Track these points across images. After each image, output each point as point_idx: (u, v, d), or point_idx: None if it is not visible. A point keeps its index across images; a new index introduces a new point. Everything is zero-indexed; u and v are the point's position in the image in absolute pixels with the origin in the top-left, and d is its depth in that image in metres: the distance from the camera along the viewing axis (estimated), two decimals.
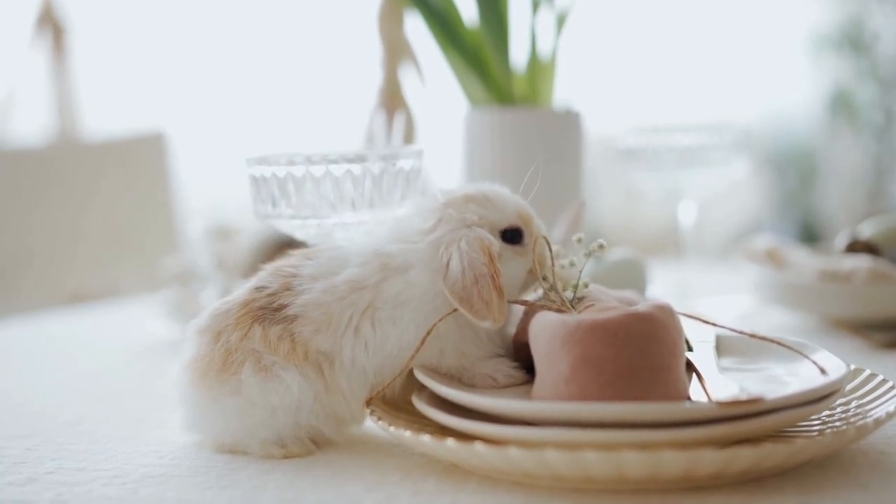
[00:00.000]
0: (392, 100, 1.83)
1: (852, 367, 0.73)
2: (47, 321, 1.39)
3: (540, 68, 1.15)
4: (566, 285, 0.73)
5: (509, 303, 0.71)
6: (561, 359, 0.62)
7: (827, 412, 0.69)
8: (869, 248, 1.11)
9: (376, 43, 1.88)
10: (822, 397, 0.63)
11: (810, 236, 3.58)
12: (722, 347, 0.77)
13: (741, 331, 0.73)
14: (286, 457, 0.69)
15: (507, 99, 1.14)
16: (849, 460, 0.64)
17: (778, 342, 0.72)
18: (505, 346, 0.73)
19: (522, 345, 0.70)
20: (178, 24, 3.29)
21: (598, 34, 3.18)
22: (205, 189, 2.97)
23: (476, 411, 0.65)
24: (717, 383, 0.64)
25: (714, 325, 0.72)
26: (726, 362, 0.74)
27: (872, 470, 0.62)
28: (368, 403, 0.70)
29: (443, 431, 0.65)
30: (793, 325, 1.11)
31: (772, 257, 1.16)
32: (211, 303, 0.76)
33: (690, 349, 0.73)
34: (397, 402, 0.72)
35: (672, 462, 0.57)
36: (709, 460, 0.57)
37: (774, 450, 0.58)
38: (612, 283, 0.91)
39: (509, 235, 0.73)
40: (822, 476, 0.62)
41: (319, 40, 3.23)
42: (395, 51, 1.84)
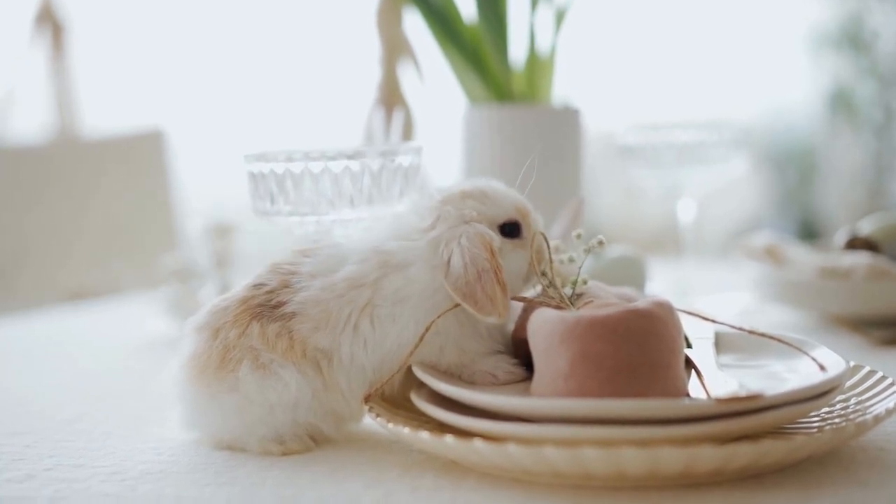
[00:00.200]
0: (391, 96, 1.82)
1: (851, 363, 0.73)
2: (46, 319, 1.39)
3: (539, 65, 1.15)
4: (565, 282, 0.73)
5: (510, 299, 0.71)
6: (560, 355, 0.62)
7: (826, 409, 0.69)
8: (868, 245, 1.11)
9: (375, 40, 1.88)
10: (821, 394, 0.63)
11: (810, 233, 3.58)
12: (721, 344, 0.76)
13: (740, 327, 0.73)
14: (284, 454, 0.69)
15: (505, 96, 1.14)
16: (848, 457, 0.64)
17: (777, 339, 0.72)
18: (505, 342, 0.73)
19: (521, 341, 0.70)
20: (178, 21, 3.29)
21: (597, 31, 3.18)
22: (204, 186, 2.97)
23: (475, 408, 0.64)
24: (716, 380, 0.64)
25: (713, 321, 0.72)
26: (725, 359, 0.74)
27: (872, 467, 0.62)
28: (367, 400, 0.70)
29: (441, 428, 0.65)
30: (792, 322, 1.11)
31: (771, 254, 1.15)
32: (210, 300, 0.76)
33: (689, 346, 0.73)
34: (396, 399, 0.72)
35: (671, 459, 0.57)
36: (708, 457, 0.57)
37: (774, 446, 0.58)
38: (611, 279, 0.91)
39: (508, 229, 0.73)
40: (821, 473, 0.62)
41: (318, 37, 3.23)
42: (394, 48, 1.84)
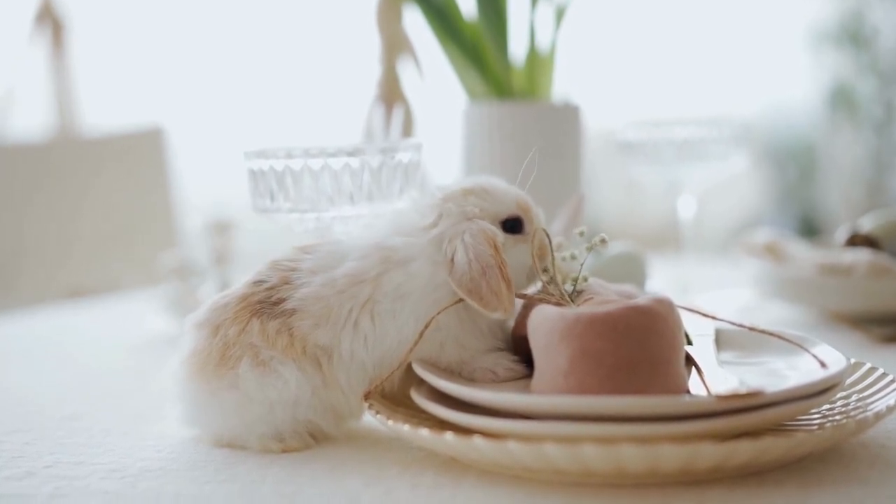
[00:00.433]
0: (391, 93, 1.82)
1: (852, 360, 0.72)
2: (46, 316, 1.39)
3: (539, 62, 1.15)
4: (565, 279, 0.73)
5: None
6: (560, 352, 0.62)
7: (827, 406, 0.68)
8: (869, 242, 1.11)
9: (375, 36, 1.87)
10: (822, 391, 0.63)
11: (810, 230, 3.58)
12: (721, 341, 0.76)
13: (741, 324, 0.73)
14: (284, 451, 0.69)
15: (505, 92, 1.14)
16: (849, 454, 0.64)
17: (778, 336, 0.72)
18: (505, 339, 0.73)
19: (521, 338, 0.70)
20: (177, 19, 3.29)
21: (597, 27, 3.17)
22: (204, 184, 2.96)
23: (475, 405, 0.64)
24: (716, 377, 0.64)
25: (714, 318, 0.72)
26: (726, 356, 0.74)
27: (873, 464, 0.62)
28: (367, 397, 0.70)
29: (441, 425, 0.65)
30: (792, 319, 1.11)
31: (771, 251, 1.15)
32: (209, 297, 0.76)
33: (690, 343, 0.73)
34: (396, 396, 0.72)
35: (671, 456, 0.57)
36: (708, 454, 0.57)
37: (774, 443, 0.58)
38: (611, 276, 0.91)
39: (510, 225, 0.72)
40: (822, 470, 0.61)
41: (318, 34, 3.23)
42: (394, 44, 1.84)
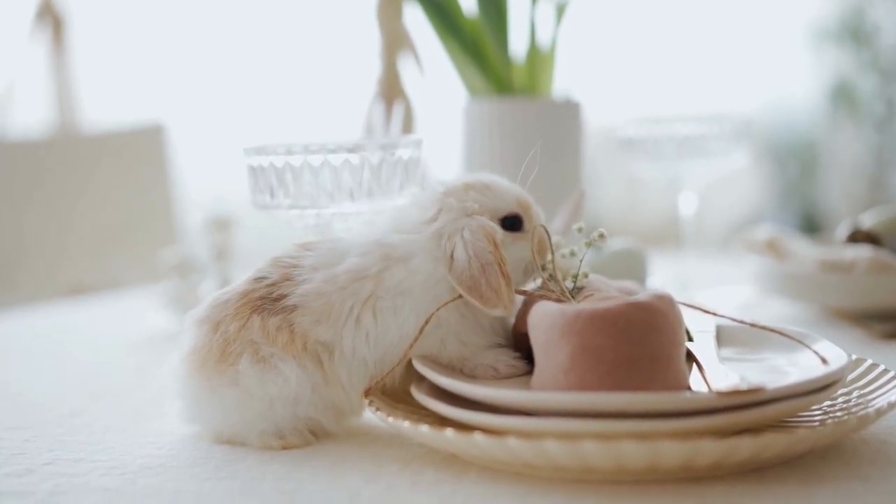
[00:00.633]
0: (391, 90, 1.82)
1: (853, 357, 0.72)
2: (45, 313, 1.39)
3: (539, 58, 1.15)
4: (566, 275, 0.73)
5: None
6: (560, 349, 0.62)
7: (828, 402, 0.68)
8: (870, 239, 1.11)
9: (375, 33, 1.87)
10: (823, 387, 0.63)
11: (811, 227, 3.58)
12: (722, 337, 0.76)
13: (742, 321, 0.73)
14: (285, 448, 0.69)
15: (506, 89, 1.14)
16: (850, 450, 0.64)
17: (779, 332, 0.72)
18: (506, 336, 0.73)
19: (522, 335, 0.70)
20: (177, 15, 3.29)
21: (598, 24, 3.17)
22: (204, 180, 2.96)
23: (475, 401, 0.64)
24: (717, 373, 0.64)
25: (714, 314, 0.72)
26: (727, 352, 0.74)
27: (874, 460, 0.62)
28: (367, 394, 0.70)
29: (442, 422, 0.65)
30: (794, 316, 1.11)
31: (772, 248, 1.15)
32: (210, 294, 0.76)
33: (691, 339, 0.73)
34: (396, 393, 0.72)
35: (672, 452, 0.56)
36: (709, 450, 0.57)
37: (775, 440, 0.58)
38: (611, 273, 0.91)
39: (509, 222, 0.72)
40: (823, 466, 0.61)
41: (318, 31, 3.22)
42: (394, 41, 1.83)
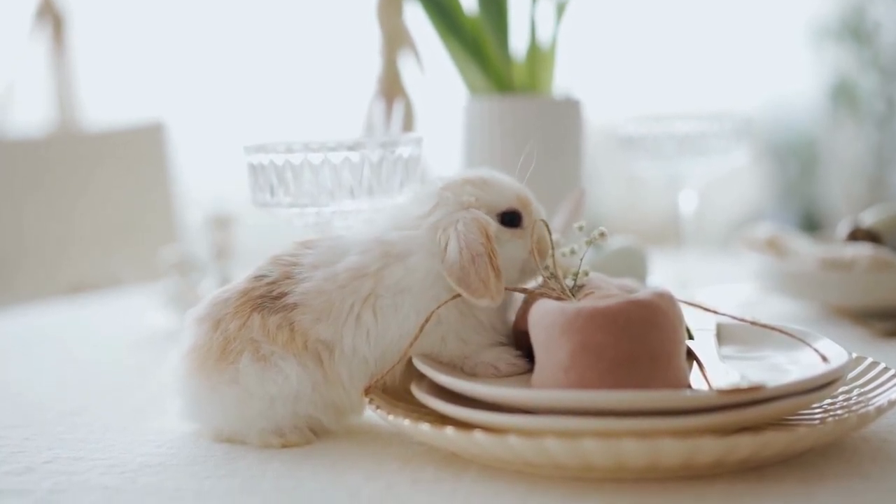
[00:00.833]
0: (391, 88, 1.82)
1: (854, 355, 0.72)
2: (46, 311, 1.39)
3: (540, 56, 1.15)
4: (566, 273, 0.73)
5: (509, 290, 0.70)
6: (560, 347, 0.62)
7: (828, 400, 0.68)
8: (870, 237, 1.11)
9: (375, 31, 1.87)
10: (823, 385, 0.63)
11: (811, 225, 3.58)
12: (723, 335, 0.76)
13: (742, 319, 0.73)
14: (285, 446, 0.69)
15: (506, 87, 1.14)
16: (850, 448, 0.64)
17: (779, 330, 0.72)
18: (507, 334, 0.73)
19: (522, 333, 0.70)
20: (177, 14, 3.29)
21: (598, 22, 3.17)
22: (204, 179, 2.96)
23: (475, 400, 0.64)
24: (717, 371, 0.64)
25: (715, 312, 0.72)
26: (727, 350, 0.74)
27: (874, 458, 0.62)
28: (367, 392, 0.69)
29: (442, 420, 0.65)
30: (794, 314, 1.11)
31: (773, 246, 1.15)
32: (210, 292, 0.76)
33: (691, 337, 0.73)
34: (396, 391, 0.72)
35: (672, 450, 0.56)
36: (709, 449, 0.57)
37: (775, 438, 0.58)
38: (612, 271, 0.91)
39: (508, 218, 0.72)
40: (823, 464, 0.61)
41: (318, 29, 3.22)
42: (395, 39, 1.83)
